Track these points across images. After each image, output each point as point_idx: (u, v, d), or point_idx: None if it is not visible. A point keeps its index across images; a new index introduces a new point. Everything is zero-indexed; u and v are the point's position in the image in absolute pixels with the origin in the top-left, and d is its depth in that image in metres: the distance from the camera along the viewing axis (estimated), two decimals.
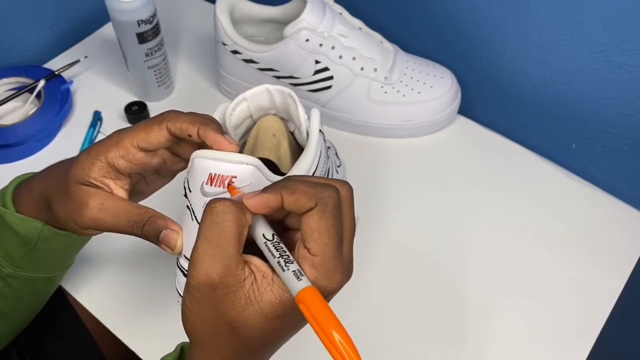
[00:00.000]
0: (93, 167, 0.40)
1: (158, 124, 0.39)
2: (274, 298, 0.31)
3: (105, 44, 0.77)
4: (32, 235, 0.43)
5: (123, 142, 0.39)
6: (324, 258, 0.31)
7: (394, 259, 0.57)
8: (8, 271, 0.45)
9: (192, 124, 0.38)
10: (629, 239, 0.59)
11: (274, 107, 0.45)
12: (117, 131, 0.41)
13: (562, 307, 0.54)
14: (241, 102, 0.44)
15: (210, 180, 0.36)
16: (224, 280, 0.30)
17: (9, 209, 0.43)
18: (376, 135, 0.67)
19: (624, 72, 0.56)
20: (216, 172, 0.36)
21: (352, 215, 0.34)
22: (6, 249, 0.44)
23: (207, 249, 0.30)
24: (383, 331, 0.52)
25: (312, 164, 0.42)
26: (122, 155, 0.39)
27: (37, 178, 0.44)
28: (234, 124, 0.45)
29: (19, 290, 0.47)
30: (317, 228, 0.31)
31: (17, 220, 0.43)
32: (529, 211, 0.61)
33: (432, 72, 0.66)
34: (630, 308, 0.61)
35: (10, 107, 0.69)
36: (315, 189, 0.31)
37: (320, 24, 0.59)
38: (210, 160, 0.36)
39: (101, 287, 0.55)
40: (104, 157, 0.40)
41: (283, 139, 0.45)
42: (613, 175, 0.63)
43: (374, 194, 0.62)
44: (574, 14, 0.55)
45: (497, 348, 0.52)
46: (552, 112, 0.64)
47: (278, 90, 0.44)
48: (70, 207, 0.39)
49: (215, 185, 0.36)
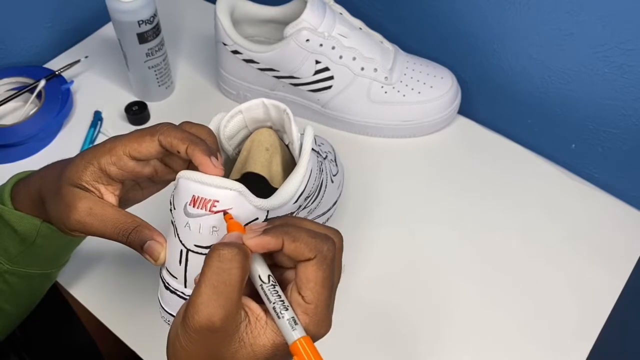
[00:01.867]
0: (86, 170, 0.40)
1: (150, 136, 0.39)
2: (267, 341, 0.32)
3: (106, 44, 0.77)
4: (31, 233, 0.44)
5: (116, 149, 0.40)
6: (317, 306, 0.32)
7: (393, 259, 0.57)
8: (6, 267, 0.46)
9: (182, 141, 0.38)
10: (629, 239, 0.59)
11: (270, 120, 0.46)
12: (112, 137, 0.41)
13: (562, 307, 0.54)
14: (237, 115, 0.45)
15: (193, 202, 0.37)
16: (225, 325, 0.31)
17: (7, 206, 0.44)
18: (376, 135, 0.67)
19: (624, 72, 0.56)
20: (199, 195, 0.36)
21: (340, 263, 0.35)
22: (4, 246, 0.45)
23: (212, 295, 0.31)
24: (380, 331, 0.52)
25: (301, 184, 0.42)
26: (114, 162, 0.40)
27: (34, 176, 0.45)
28: (228, 135, 0.46)
29: (16, 285, 0.48)
30: (314, 279, 0.32)
31: (16, 217, 0.44)
32: (529, 211, 0.61)
33: (432, 72, 0.66)
34: (630, 308, 0.61)
35: (11, 107, 0.69)
36: (316, 240, 0.32)
37: (321, 24, 0.60)
38: (194, 182, 0.37)
39: (99, 284, 0.55)
40: (96, 162, 0.40)
41: (276, 153, 0.46)
42: (613, 175, 0.63)
43: (374, 194, 0.62)
44: (574, 14, 0.55)
45: (496, 348, 0.52)
46: (552, 112, 0.64)
47: (274, 105, 0.44)
48: (60, 208, 0.40)
49: (198, 207, 0.37)
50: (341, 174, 0.58)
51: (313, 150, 0.44)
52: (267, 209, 0.39)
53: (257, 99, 0.45)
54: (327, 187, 0.52)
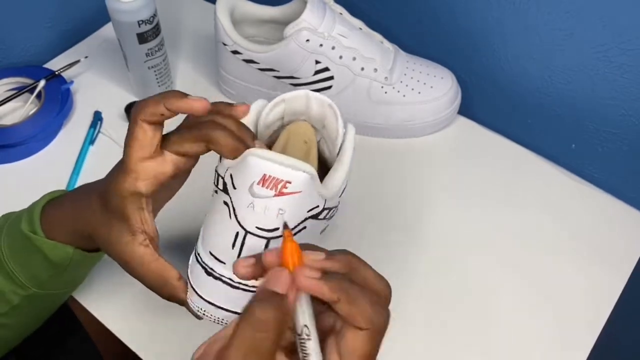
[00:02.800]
0: (125, 202, 0.39)
1: (135, 124, 0.39)
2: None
3: (106, 44, 0.77)
4: (64, 261, 0.43)
5: (130, 163, 0.39)
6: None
7: (393, 259, 0.57)
8: (32, 291, 0.45)
9: (155, 104, 0.38)
10: (629, 239, 0.59)
11: (307, 114, 0.45)
12: (117, 165, 0.41)
13: (562, 307, 0.54)
14: (280, 104, 0.44)
15: (263, 181, 0.35)
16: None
17: (38, 232, 0.43)
18: (376, 135, 0.67)
19: (624, 72, 0.56)
20: (270, 174, 0.35)
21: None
22: (34, 273, 0.44)
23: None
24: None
25: (345, 180, 0.41)
26: (136, 178, 0.39)
27: (66, 204, 0.44)
28: (268, 123, 0.44)
29: (40, 304, 0.48)
30: (361, 352, 0.29)
31: (49, 246, 0.43)
32: (529, 211, 0.61)
33: (432, 72, 0.66)
34: (630, 308, 0.61)
35: (11, 107, 0.69)
36: (374, 311, 0.29)
37: (321, 24, 0.59)
38: (266, 161, 0.35)
39: (100, 285, 0.55)
40: (126, 189, 0.39)
41: (313, 147, 0.45)
42: (613, 175, 0.63)
43: (374, 194, 0.62)
44: (574, 14, 0.55)
45: (497, 348, 0.52)
46: (552, 112, 0.64)
47: (317, 98, 0.43)
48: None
49: (268, 187, 0.35)
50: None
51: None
52: (326, 197, 0.38)
53: (301, 90, 0.43)
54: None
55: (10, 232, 0.44)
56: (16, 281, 0.44)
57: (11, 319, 0.46)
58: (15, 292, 0.44)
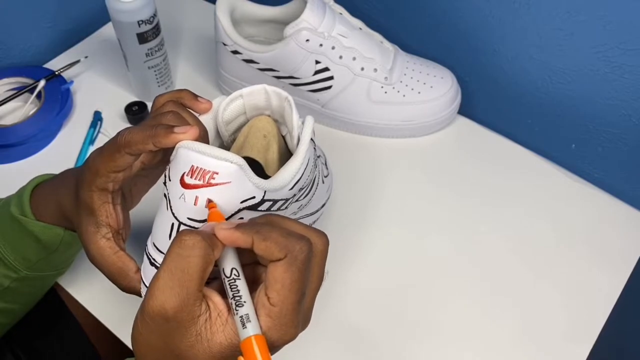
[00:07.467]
0: (93, 196, 0.40)
1: (118, 152, 0.39)
2: (224, 340, 0.31)
3: (106, 44, 0.77)
4: (54, 242, 0.45)
5: (100, 170, 0.40)
6: (281, 310, 0.30)
7: (392, 259, 0.57)
8: (24, 274, 0.46)
9: (145, 141, 0.38)
10: (629, 239, 0.59)
11: (269, 108, 0.45)
12: (90, 158, 0.41)
13: (561, 307, 0.54)
14: (237, 99, 0.44)
15: (191, 172, 0.36)
16: (178, 315, 0.30)
17: (28, 214, 0.44)
18: (376, 135, 0.67)
19: (624, 72, 0.56)
20: (198, 165, 0.35)
21: (321, 270, 0.33)
22: (24, 255, 0.45)
23: (168, 281, 0.30)
24: (378, 331, 0.52)
25: (298, 172, 0.41)
26: (105, 180, 0.40)
27: (51, 186, 0.45)
28: (226, 119, 0.45)
29: (31, 287, 0.49)
30: (281, 280, 0.30)
31: (40, 228, 0.44)
32: (529, 211, 0.61)
33: (432, 72, 0.66)
34: (630, 308, 0.61)
35: (11, 107, 0.69)
36: (287, 240, 0.31)
37: (321, 24, 0.59)
38: (194, 152, 0.36)
39: (95, 282, 0.55)
40: (95, 186, 0.40)
41: (273, 141, 0.45)
42: (613, 175, 0.63)
43: (373, 194, 0.62)
44: (574, 14, 0.55)
45: (495, 348, 0.52)
46: (552, 112, 0.64)
47: (275, 92, 0.43)
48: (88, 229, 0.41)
49: (196, 178, 0.35)
50: (330, 178, 0.58)
51: (311, 140, 0.43)
52: (265, 189, 0.38)
53: (259, 85, 0.44)
54: (319, 186, 0.51)
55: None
56: (7, 264, 0.45)
57: (1, 304, 0.48)
58: (6, 276, 0.46)
